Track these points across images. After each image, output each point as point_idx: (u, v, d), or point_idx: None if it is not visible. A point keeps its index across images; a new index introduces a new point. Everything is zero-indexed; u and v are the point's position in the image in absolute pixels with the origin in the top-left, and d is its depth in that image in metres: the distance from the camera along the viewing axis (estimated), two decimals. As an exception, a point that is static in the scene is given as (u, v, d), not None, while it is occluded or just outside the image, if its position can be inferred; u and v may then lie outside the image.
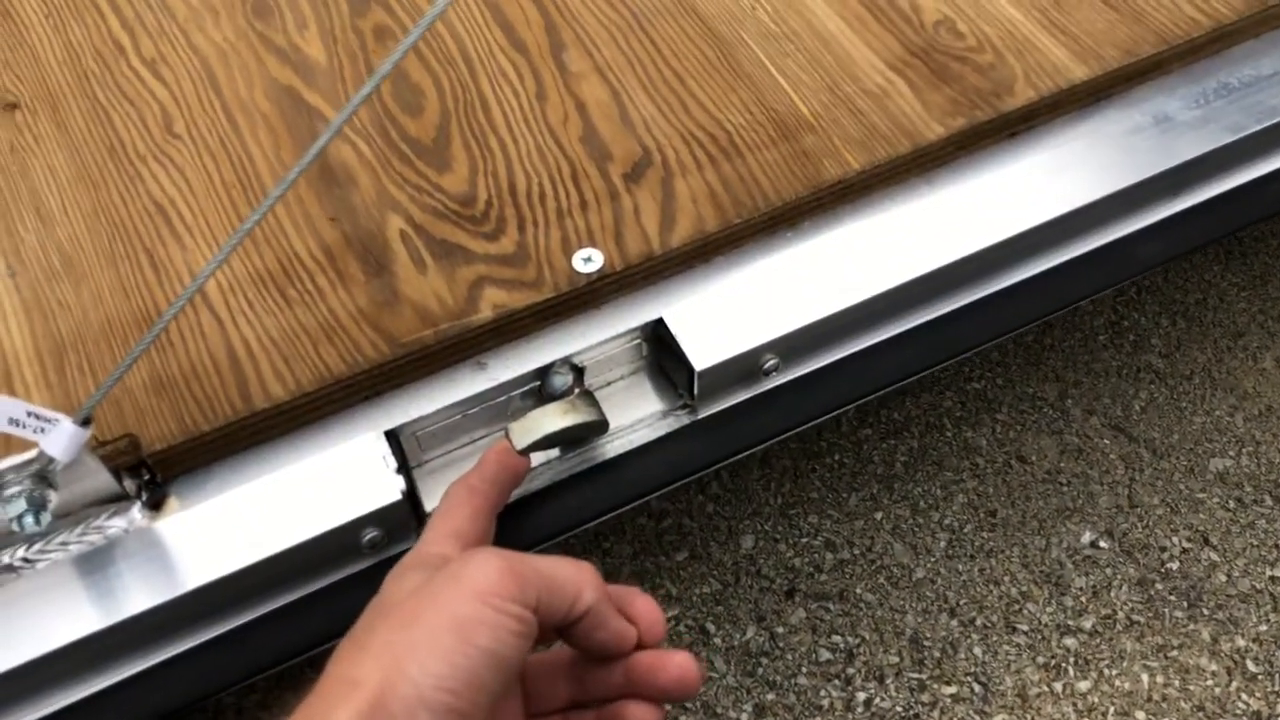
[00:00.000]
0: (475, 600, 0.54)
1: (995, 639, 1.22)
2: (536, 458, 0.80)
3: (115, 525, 0.73)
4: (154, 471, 0.75)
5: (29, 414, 0.64)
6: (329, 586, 0.76)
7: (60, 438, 0.64)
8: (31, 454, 0.65)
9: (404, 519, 0.75)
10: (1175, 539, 1.30)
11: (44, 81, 0.95)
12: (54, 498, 0.68)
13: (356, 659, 0.54)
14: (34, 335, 0.80)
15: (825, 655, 1.18)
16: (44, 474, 0.67)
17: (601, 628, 0.60)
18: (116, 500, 0.73)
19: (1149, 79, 0.96)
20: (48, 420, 0.64)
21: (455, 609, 0.53)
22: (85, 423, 0.65)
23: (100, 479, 0.71)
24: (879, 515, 1.30)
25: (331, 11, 1.00)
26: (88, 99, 0.94)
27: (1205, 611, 1.24)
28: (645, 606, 0.64)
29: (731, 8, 0.99)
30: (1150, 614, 1.24)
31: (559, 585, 0.58)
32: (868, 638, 1.21)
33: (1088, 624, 1.23)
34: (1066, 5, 0.98)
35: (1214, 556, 1.28)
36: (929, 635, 1.22)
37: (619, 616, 0.62)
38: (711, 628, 1.21)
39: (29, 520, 0.66)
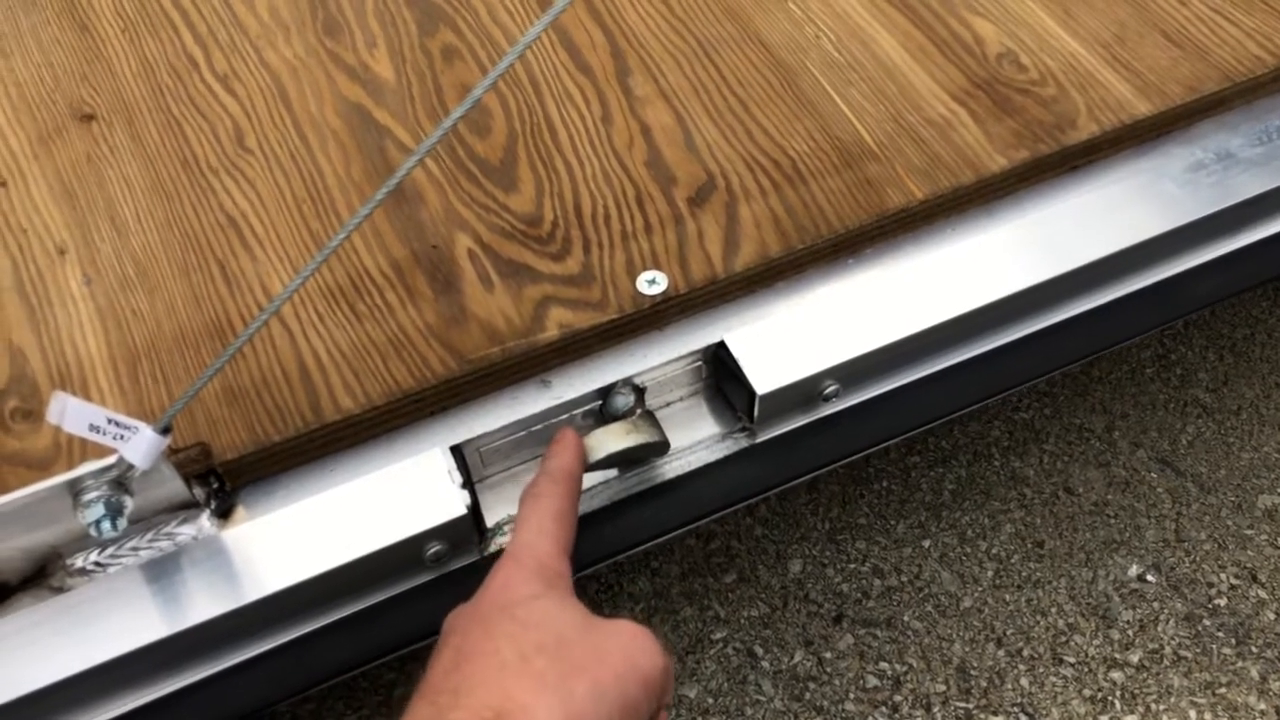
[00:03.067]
0: (642, 689, 0.56)
1: (1042, 670, 1.21)
2: (595, 476, 0.81)
3: (184, 532, 0.74)
4: (223, 480, 0.76)
5: (109, 421, 0.65)
6: (390, 599, 0.77)
7: (140, 445, 0.65)
8: (111, 460, 0.66)
9: (467, 533, 0.76)
10: (1223, 575, 1.30)
11: (119, 94, 0.97)
12: (129, 503, 0.69)
13: (537, 690, 0.54)
14: (109, 343, 0.81)
15: (873, 682, 1.18)
16: (121, 480, 0.68)
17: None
18: (186, 507, 0.74)
19: (1211, 115, 0.96)
20: (127, 427, 0.65)
21: (627, 689, 0.56)
22: (165, 431, 0.66)
23: (173, 486, 0.72)
24: (926, 543, 1.30)
25: (400, 31, 1.01)
26: (162, 112, 0.96)
27: (1254, 649, 1.23)
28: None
29: (795, 36, 1.00)
30: (1198, 650, 1.23)
31: (672, 686, 0.61)
32: (915, 665, 1.21)
33: (1135, 658, 1.23)
34: (1130, 41, 0.98)
35: (1262, 594, 1.28)
36: (976, 664, 1.21)
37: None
38: (759, 651, 1.21)
39: (106, 525, 0.67)
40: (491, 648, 0.56)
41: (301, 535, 0.74)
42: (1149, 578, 1.29)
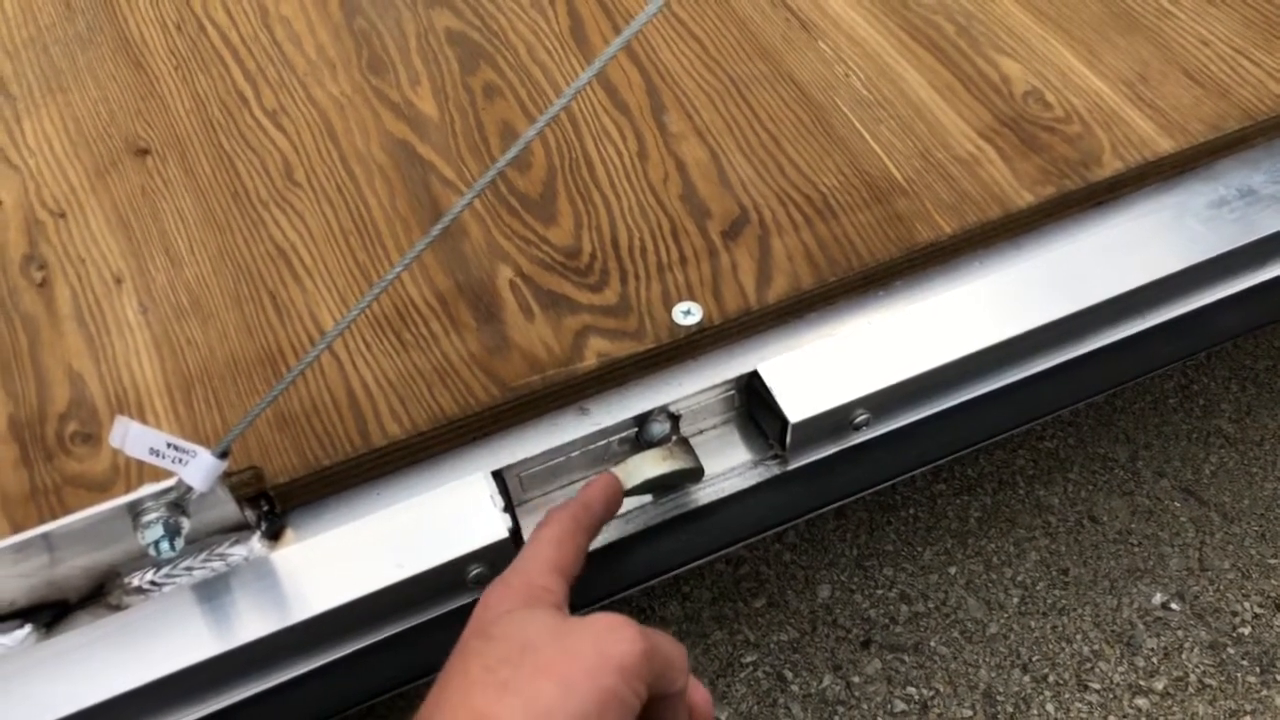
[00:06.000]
0: (618, 676, 0.56)
1: (1067, 696, 1.23)
2: (630, 502, 0.83)
3: (236, 553, 0.77)
4: (274, 502, 0.78)
5: (169, 445, 0.68)
6: (432, 620, 0.79)
7: (199, 469, 0.68)
8: (170, 482, 0.69)
9: (509, 556, 0.77)
10: (1247, 604, 1.31)
11: (172, 129, 1.01)
12: (186, 525, 0.71)
13: (500, 697, 0.55)
14: (164, 370, 0.84)
15: (900, 706, 1.20)
16: (179, 502, 0.70)
17: (679, 711, 0.62)
18: (238, 529, 0.77)
19: (1233, 153, 0.98)
20: (186, 451, 0.68)
21: (601, 680, 0.55)
22: (223, 455, 0.69)
23: (227, 509, 0.75)
24: (953, 570, 1.31)
25: (443, 68, 1.04)
26: (213, 146, 0.99)
27: (1278, 678, 1.24)
28: (702, 695, 0.66)
29: (826, 74, 1.02)
30: (1223, 678, 1.24)
31: (671, 667, 0.60)
32: (942, 690, 1.22)
33: (1159, 685, 1.24)
34: (1153, 80, 1.00)
35: (1286, 623, 1.29)
36: (1002, 690, 1.23)
37: (691, 700, 0.64)
38: (789, 675, 1.23)
39: (165, 546, 0.69)
40: (461, 668, 0.57)
41: (348, 557, 0.76)
42: (1173, 606, 1.30)
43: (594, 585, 0.85)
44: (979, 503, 1.37)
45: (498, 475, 0.80)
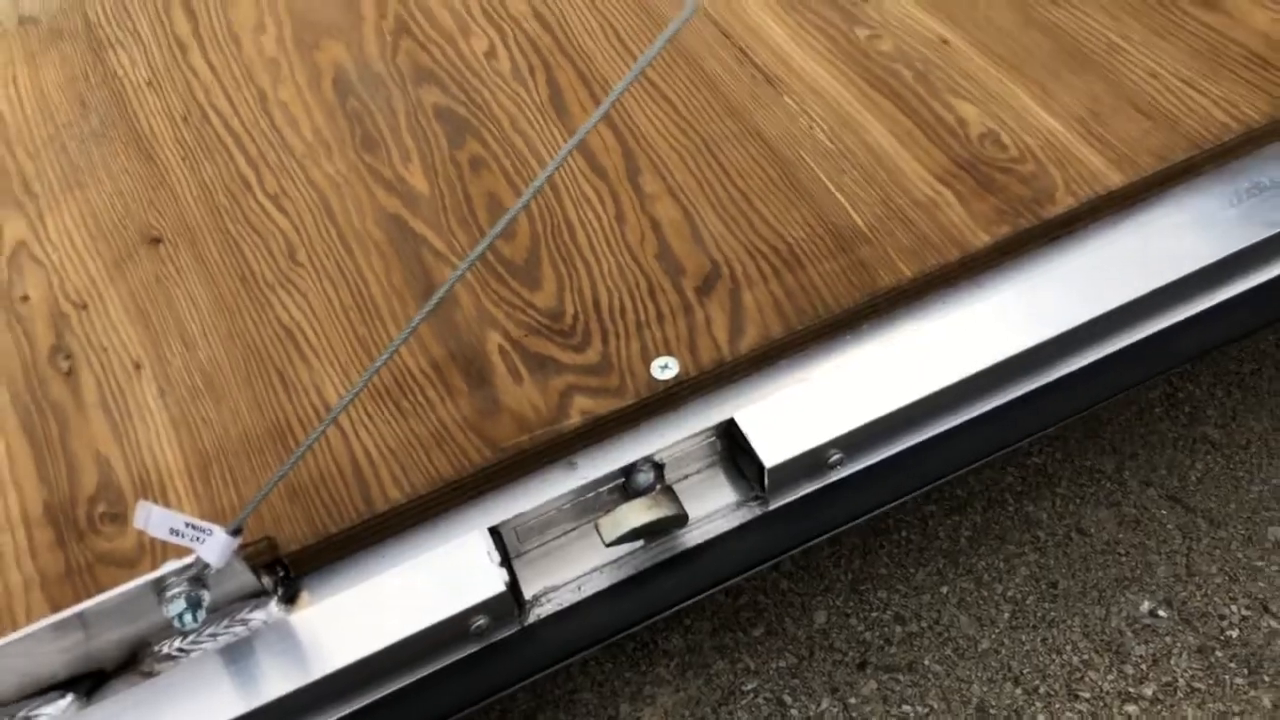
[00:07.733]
0: None
1: (1058, 706, 1.27)
2: (621, 549, 0.88)
3: (256, 618, 0.83)
4: (288, 569, 0.85)
5: (187, 525, 0.74)
6: (437, 671, 0.85)
7: (215, 546, 0.74)
8: (190, 559, 0.75)
9: (508, 607, 0.84)
10: (1234, 607, 1.34)
11: (182, 217, 1.07)
12: (208, 597, 0.78)
13: None
14: (183, 450, 0.90)
15: (896, 725, 1.25)
16: (200, 577, 0.77)
17: None
18: (257, 595, 0.83)
19: (1183, 181, 1.03)
20: (203, 530, 0.75)
21: None
22: (236, 532, 0.75)
23: (245, 578, 0.81)
24: (945, 589, 1.36)
25: (432, 145, 1.11)
26: (220, 232, 1.06)
27: (1266, 678, 1.28)
28: None
29: (792, 129, 1.08)
30: (1211, 681, 1.28)
31: None
32: (936, 707, 1.27)
33: (1149, 691, 1.28)
34: (1104, 115, 1.05)
35: (1273, 624, 1.32)
36: (995, 704, 1.27)
37: None
38: (788, 699, 1.28)
39: (188, 618, 0.76)
40: None
41: (360, 616, 0.82)
42: (1161, 613, 1.34)
43: (590, 629, 0.90)
44: (969, 521, 1.42)
45: (494, 531, 0.86)
